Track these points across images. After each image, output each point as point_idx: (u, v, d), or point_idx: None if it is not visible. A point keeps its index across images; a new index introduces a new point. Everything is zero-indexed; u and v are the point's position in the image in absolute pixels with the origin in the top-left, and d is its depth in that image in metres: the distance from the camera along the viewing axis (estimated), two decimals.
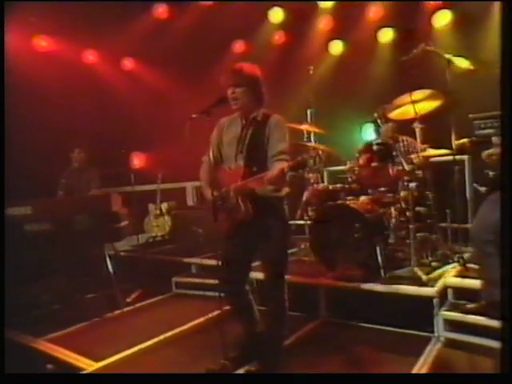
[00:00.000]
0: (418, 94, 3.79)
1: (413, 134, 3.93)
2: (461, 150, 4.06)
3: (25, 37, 5.92)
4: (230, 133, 2.87)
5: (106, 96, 6.46)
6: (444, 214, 4.24)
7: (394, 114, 3.96)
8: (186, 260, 5.23)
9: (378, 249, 3.74)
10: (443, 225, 4.21)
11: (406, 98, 3.85)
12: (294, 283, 3.58)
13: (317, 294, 3.90)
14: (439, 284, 3.39)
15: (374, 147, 3.82)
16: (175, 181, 6.96)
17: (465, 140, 4.16)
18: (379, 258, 3.72)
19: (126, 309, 4.53)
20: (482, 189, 3.35)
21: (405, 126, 4.03)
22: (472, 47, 4.55)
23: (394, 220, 4.04)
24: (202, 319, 4.03)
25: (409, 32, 5.70)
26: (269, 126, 2.74)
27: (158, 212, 6.22)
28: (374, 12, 5.76)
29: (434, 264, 3.81)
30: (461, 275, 3.51)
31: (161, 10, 6.32)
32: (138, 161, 7.02)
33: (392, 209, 4.06)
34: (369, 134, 5.86)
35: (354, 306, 3.72)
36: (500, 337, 1.51)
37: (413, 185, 3.91)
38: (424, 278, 3.47)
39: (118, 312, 4.43)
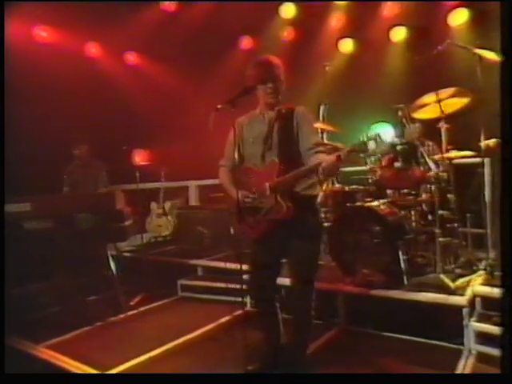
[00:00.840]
0: (443, 93, 3.60)
1: (438, 135, 3.74)
2: (486, 152, 3.91)
3: (25, 26, 5.66)
4: (253, 130, 2.75)
5: (108, 91, 6.22)
6: (465, 219, 4.06)
7: (419, 113, 3.77)
8: (193, 262, 5.01)
9: (400, 253, 3.56)
10: (464, 229, 4.02)
11: (430, 96, 3.67)
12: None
13: (335, 301, 3.71)
14: (468, 293, 3.20)
15: (398, 147, 3.62)
16: (177, 179, 6.73)
17: (489, 141, 4.03)
18: (401, 263, 3.54)
19: (129, 312, 4.30)
20: None
21: (430, 127, 3.84)
22: (489, 47, 4.38)
23: (414, 224, 3.87)
24: (212, 325, 3.82)
25: (423, 30, 5.57)
26: (296, 119, 2.66)
27: (161, 211, 5.98)
28: (389, 10, 5.59)
29: (457, 271, 3.63)
30: (489, 284, 3.32)
31: (168, 3, 6.08)
32: (139, 158, 6.77)
33: (412, 212, 3.89)
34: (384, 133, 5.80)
35: (376, 314, 3.54)
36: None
37: (435, 187, 3.75)
38: (452, 285, 3.29)
39: (121, 316, 4.20)
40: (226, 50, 6.58)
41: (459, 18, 5.37)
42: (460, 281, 3.41)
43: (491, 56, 3.40)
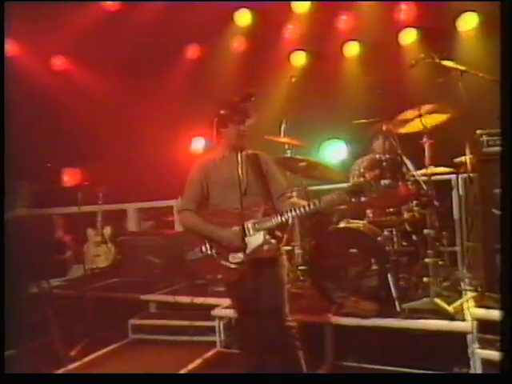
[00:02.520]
0: (424, 109, 3.57)
1: (419, 151, 3.69)
2: (460, 169, 3.95)
3: None
4: (222, 174, 2.73)
5: (32, 98, 5.51)
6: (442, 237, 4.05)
7: (403, 128, 3.71)
8: (144, 297, 4.47)
9: (389, 277, 3.41)
10: (443, 248, 4.00)
11: (412, 112, 3.62)
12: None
13: (321, 334, 3.43)
14: (468, 317, 3.10)
15: (384, 163, 3.50)
16: (113, 202, 6.11)
17: (462, 158, 4.09)
18: (392, 287, 3.39)
19: (70, 366, 3.62)
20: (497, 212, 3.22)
21: (408, 143, 3.79)
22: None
23: (396, 245, 3.76)
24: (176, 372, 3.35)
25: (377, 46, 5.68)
26: (264, 164, 2.78)
27: (100, 239, 5.32)
28: (344, 24, 5.61)
29: (445, 293, 3.54)
30: (483, 305, 3.26)
31: (109, 3, 5.57)
32: (69, 177, 6.09)
33: (394, 232, 3.78)
34: (335, 151, 5.79)
35: (367, 346, 3.32)
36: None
37: (417, 205, 3.70)
38: (450, 310, 3.18)
39: (60, 371, 3.52)
40: (171, 59, 6.20)
41: (409, 37, 5.54)
42: (455, 304, 3.31)
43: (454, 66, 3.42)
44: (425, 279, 3.50)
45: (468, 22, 5.30)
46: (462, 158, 3.92)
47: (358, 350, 3.35)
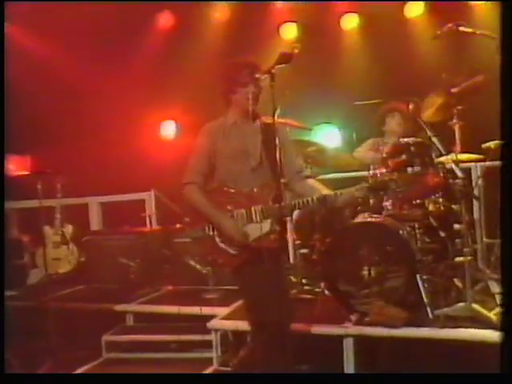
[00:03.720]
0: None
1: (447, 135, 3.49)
2: (491, 155, 3.79)
3: None
4: (231, 144, 2.63)
5: None
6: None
7: (429, 114, 3.49)
8: (119, 308, 4.07)
9: (418, 280, 3.20)
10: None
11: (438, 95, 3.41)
12: (306, 333, 3.12)
13: (341, 348, 3.17)
14: None
15: (412, 148, 3.27)
16: (72, 195, 5.62)
17: (491, 143, 3.94)
18: (422, 291, 3.17)
19: None
20: None
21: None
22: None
23: (419, 242, 3.56)
24: None
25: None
26: (281, 135, 2.53)
27: (59, 239, 4.83)
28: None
29: (477, 297, 3.36)
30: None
31: None
32: (16, 165, 5.56)
33: (416, 227, 3.57)
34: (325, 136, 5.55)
35: (397, 361, 3.08)
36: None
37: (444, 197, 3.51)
38: (493, 317, 2.99)
39: None
40: (138, 28, 5.75)
41: (416, 9, 5.38)
42: (496, 310, 3.13)
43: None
44: (456, 281, 3.33)
45: None
46: (491, 144, 3.80)
47: (385, 365, 3.11)
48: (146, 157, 5.79)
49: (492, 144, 3.78)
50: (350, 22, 5.53)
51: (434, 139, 3.35)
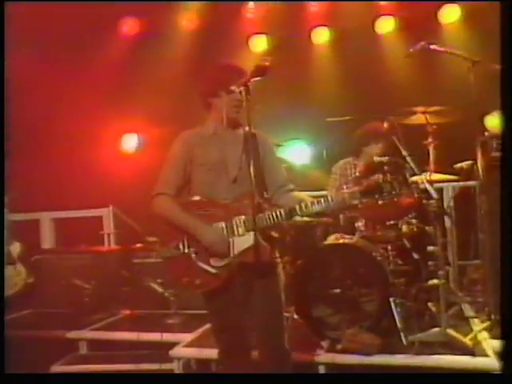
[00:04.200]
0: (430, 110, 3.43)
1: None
2: (463, 176, 3.85)
3: None
4: (209, 154, 2.51)
5: None
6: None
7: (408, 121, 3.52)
8: (71, 334, 3.86)
9: (392, 304, 3.18)
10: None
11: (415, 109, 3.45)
12: None
13: (312, 376, 3.09)
14: (489, 352, 2.91)
15: (386, 166, 3.25)
16: (22, 210, 5.36)
17: (463, 164, 4.00)
18: (396, 316, 3.15)
19: None
20: None
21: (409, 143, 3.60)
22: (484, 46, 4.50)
23: (392, 264, 3.55)
24: None
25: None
26: (263, 146, 2.54)
27: (5, 259, 4.57)
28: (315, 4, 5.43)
29: (451, 322, 3.36)
30: (504, 336, 3.10)
31: None
32: None
33: (389, 249, 3.57)
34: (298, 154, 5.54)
35: None
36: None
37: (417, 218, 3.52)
38: (469, 343, 2.99)
39: None
40: (101, 35, 5.62)
41: (387, 25, 5.49)
42: (471, 335, 3.13)
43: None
44: (430, 305, 3.32)
45: (450, 14, 5.33)
46: (463, 164, 3.86)
47: None
48: (104, 171, 5.62)
49: (464, 164, 3.85)
50: (321, 36, 5.57)
51: (409, 158, 3.36)
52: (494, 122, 4.56)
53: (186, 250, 2.40)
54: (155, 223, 2.63)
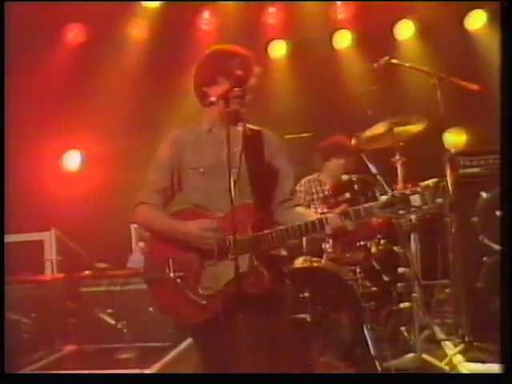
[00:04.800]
0: (396, 120, 3.45)
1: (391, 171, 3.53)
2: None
3: None
4: (203, 155, 2.19)
5: None
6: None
7: (372, 144, 3.52)
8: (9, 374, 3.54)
9: (364, 329, 3.14)
10: None
11: (382, 125, 3.47)
12: None
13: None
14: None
15: (356, 185, 3.24)
16: None
17: (429, 181, 4.05)
18: (369, 342, 3.11)
19: None
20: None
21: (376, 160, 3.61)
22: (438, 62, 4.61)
23: (361, 287, 3.52)
24: None
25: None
26: (268, 148, 2.23)
27: None
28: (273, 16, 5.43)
29: (423, 346, 3.35)
30: (473, 359, 3.13)
31: None
32: None
33: (358, 271, 3.55)
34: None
35: None
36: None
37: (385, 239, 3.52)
38: (446, 368, 2.97)
39: None
40: (42, 41, 5.34)
41: (344, 39, 5.57)
42: (446, 360, 3.11)
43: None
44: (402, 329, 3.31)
45: (405, 30, 5.48)
46: (429, 182, 3.90)
47: None
48: (45, 191, 5.32)
49: (430, 182, 3.89)
50: (278, 49, 5.57)
51: (378, 176, 3.36)
52: (454, 138, 4.70)
53: (172, 275, 2.09)
54: (105, 247, 2.44)
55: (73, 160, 5.91)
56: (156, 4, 5.19)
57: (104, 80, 5.48)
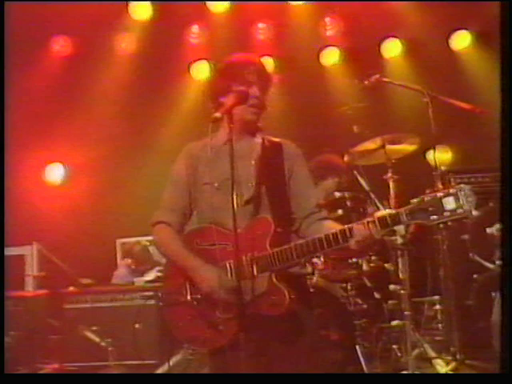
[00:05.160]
0: (388, 138, 3.50)
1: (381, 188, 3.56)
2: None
3: None
4: (218, 169, 2.10)
5: None
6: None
7: (363, 160, 3.55)
8: None
9: (357, 348, 3.13)
10: None
11: (374, 141, 3.51)
12: None
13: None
14: None
15: (348, 202, 3.25)
16: None
17: (416, 199, 4.09)
18: (362, 361, 3.10)
19: None
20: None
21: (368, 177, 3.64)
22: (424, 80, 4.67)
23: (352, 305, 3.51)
24: None
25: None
26: (288, 160, 2.16)
27: None
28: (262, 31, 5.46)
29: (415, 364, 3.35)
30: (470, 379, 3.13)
31: None
32: None
33: (349, 288, 3.54)
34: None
35: None
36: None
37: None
38: None
39: None
40: (27, 53, 5.29)
41: (332, 57, 5.64)
42: None
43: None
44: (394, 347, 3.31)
45: (392, 49, 5.57)
46: (415, 200, 3.94)
47: None
48: (26, 204, 5.22)
49: (417, 200, 3.94)
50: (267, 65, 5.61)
51: (371, 193, 3.38)
52: (442, 156, 4.77)
53: (188, 298, 2.03)
54: (89, 262, 2.39)
55: (56, 172, 5.86)
56: (145, 16, 5.16)
57: (89, 93, 5.47)
